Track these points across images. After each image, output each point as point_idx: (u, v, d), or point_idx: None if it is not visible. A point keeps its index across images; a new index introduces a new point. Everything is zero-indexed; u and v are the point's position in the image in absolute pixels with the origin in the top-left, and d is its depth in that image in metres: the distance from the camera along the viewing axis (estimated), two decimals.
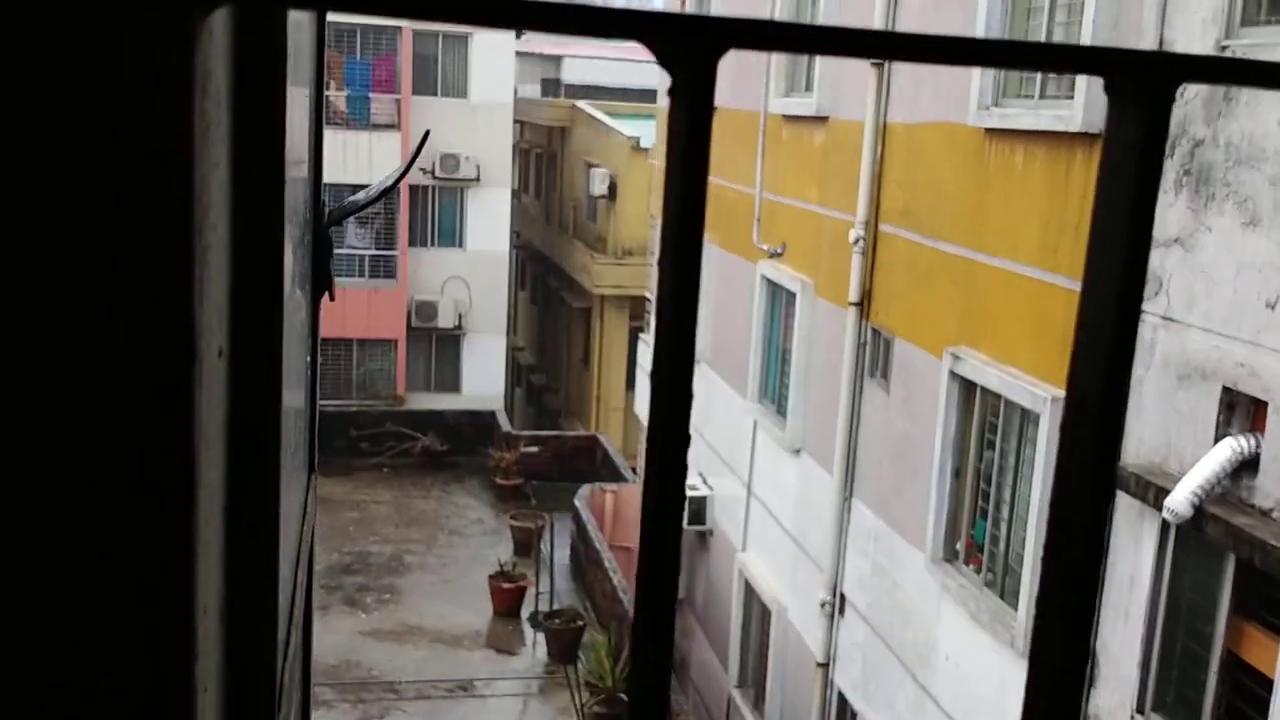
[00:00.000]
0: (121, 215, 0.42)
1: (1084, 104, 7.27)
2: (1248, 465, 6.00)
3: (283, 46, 0.75)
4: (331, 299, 1.91)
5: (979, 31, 8.46)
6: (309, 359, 1.84)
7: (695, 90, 0.40)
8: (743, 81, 13.47)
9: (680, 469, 0.43)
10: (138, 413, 0.46)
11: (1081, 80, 7.31)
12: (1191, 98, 6.47)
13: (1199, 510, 6.04)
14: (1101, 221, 0.44)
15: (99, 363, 0.45)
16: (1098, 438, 0.46)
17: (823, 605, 11.02)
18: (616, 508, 18.69)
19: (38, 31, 0.39)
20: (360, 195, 2.55)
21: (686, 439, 0.43)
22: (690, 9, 15.38)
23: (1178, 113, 6.57)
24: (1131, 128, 0.44)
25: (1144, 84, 0.44)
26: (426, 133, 3.37)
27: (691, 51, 0.40)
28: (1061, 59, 0.45)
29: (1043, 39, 8.04)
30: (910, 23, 9.74)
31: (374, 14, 0.37)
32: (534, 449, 23.03)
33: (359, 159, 24.79)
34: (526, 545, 19.14)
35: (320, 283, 1.82)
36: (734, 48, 0.42)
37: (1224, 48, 6.25)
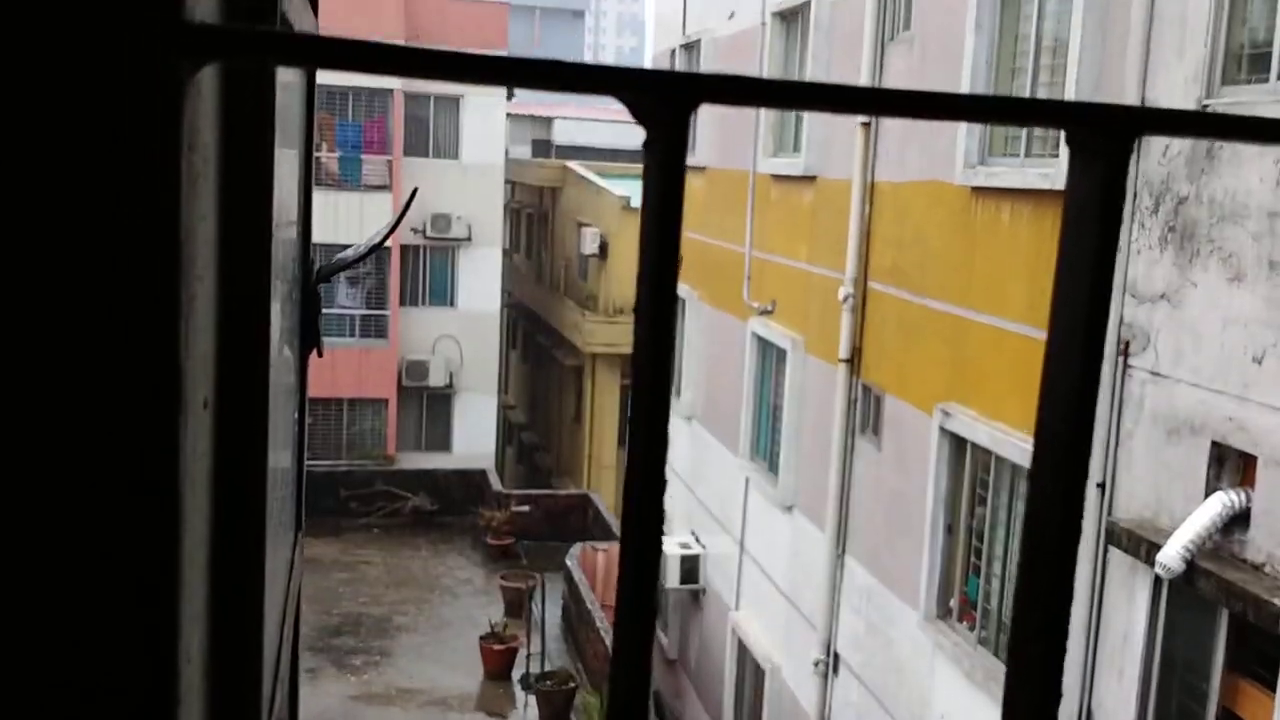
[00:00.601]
0: (109, 263, 0.43)
1: (1068, 162, 7.36)
2: (1239, 519, 6.00)
3: (270, 103, 0.76)
4: (319, 355, 1.92)
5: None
6: (296, 415, 1.84)
7: (668, 143, 0.41)
8: (732, 142, 13.62)
9: (658, 511, 0.43)
10: (123, 460, 0.46)
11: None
12: (1175, 155, 6.56)
13: (1191, 565, 6.03)
14: (1064, 272, 0.45)
15: (85, 408, 0.46)
16: (1065, 483, 0.47)
17: (816, 664, 10.92)
18: (608, 567, 18.56)
19: (30, 82, 0.40)
20: (349, 252, 2.57)
21: (663, 483, 0.44)
22: (680, 67, 15.57)
23: (1161, 170, 6.65)
24: (1091, 179, 0.45)
25: (1102, 136, 0.45)
26: (414, 190, 3.41)
27: (664, 105, 0.41)
28: (1022, 112, 0.46)
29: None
30: (896, 82, 9.88)
31: (357, 71, 0.39)
32: (525, 508, 22.91)
33: (350, 220, 24.90)
34: (517, 606, 18.97)
35: (309, 339, 1.82)
36: (705, 102, 0.43)
37: (1205, 106, 6.34)
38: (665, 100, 0.40)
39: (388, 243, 25.65)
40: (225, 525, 0.78)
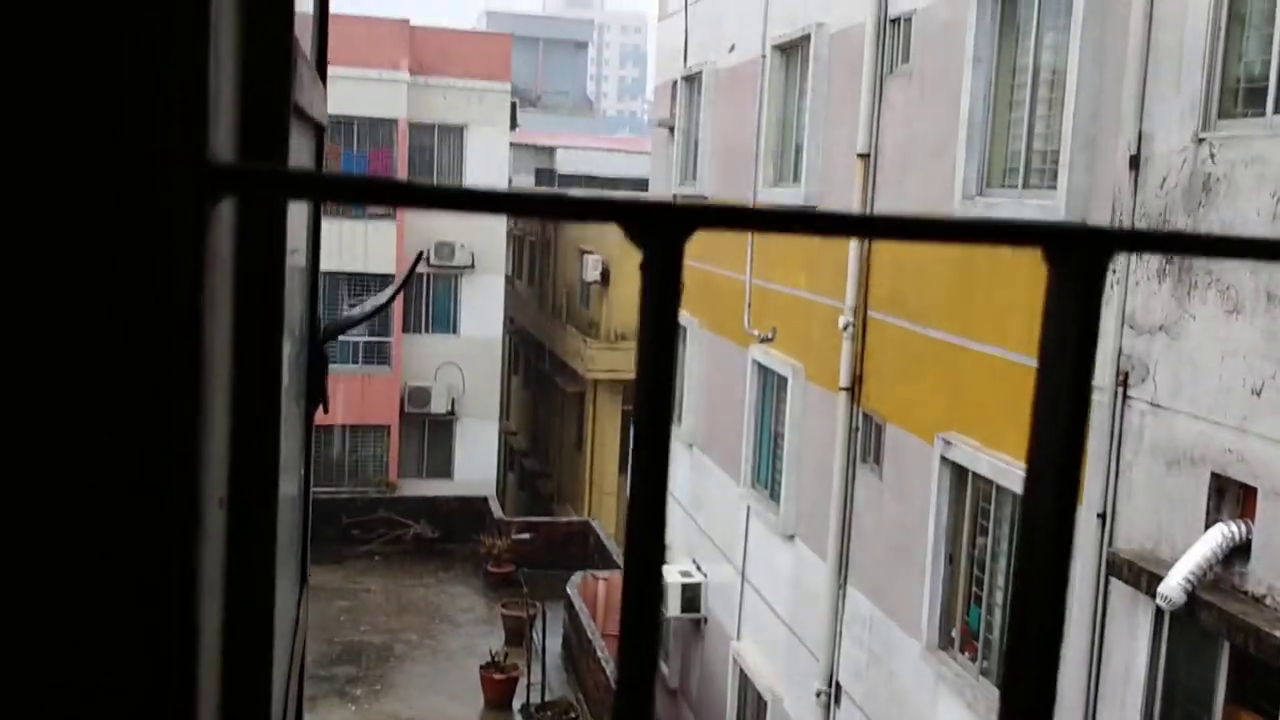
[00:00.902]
0: (134, 387, 0.46)
1: (1066, 193, 7.41)
2: (1239, 551, 6.00)
3: (284, 209, 0.80)
4: (325, 412, 1.95)
5: (962, 123, 8.65)
6: (302, 472, 1.87)
7: (664, 268, 0.44)
8: (733, 171, 13.70)
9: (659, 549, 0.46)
10: (141, 572, 0.49)
11: (1064, 170, 7.46)
12: (1173, 188, 6.61)
13: (1192, 597, 6.03)
14: (1044, 380, 0.48)
15: (110, 527, 0.48)
16: (1049, 601, 0.49)
17: (818, 695, 10.89)
18: (609, 595, 18.51)
19: (65, 221, 0.44)
20: (355, 311, 2.60)
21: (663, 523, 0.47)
22: (681, 98, 15.69)
23: (1159, 202, 6.70)
24: (1069, 295, 0.48)
25: (1078, 254, 0.48)
26: (420, 254, 3.46)
27: (661, 233, 0.44)
28: (998, 233, 0.49)
29: (1024, 131, 8.22)
30: (895, 114, 9.95)
31: (367, 203, 0.42)
32: (526, 535, 22.87)
33: (355, 248, 25.02)
34: (518, 634, 18.90)
35: (314, 398, 1.85)
36: (700, 228, 0.46)
37: (1201, 139, 6.39)
38: (661, 228, 0.43)
39: (392, 270, 25.71)
40: (236, 625, 0.81)
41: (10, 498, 0.48)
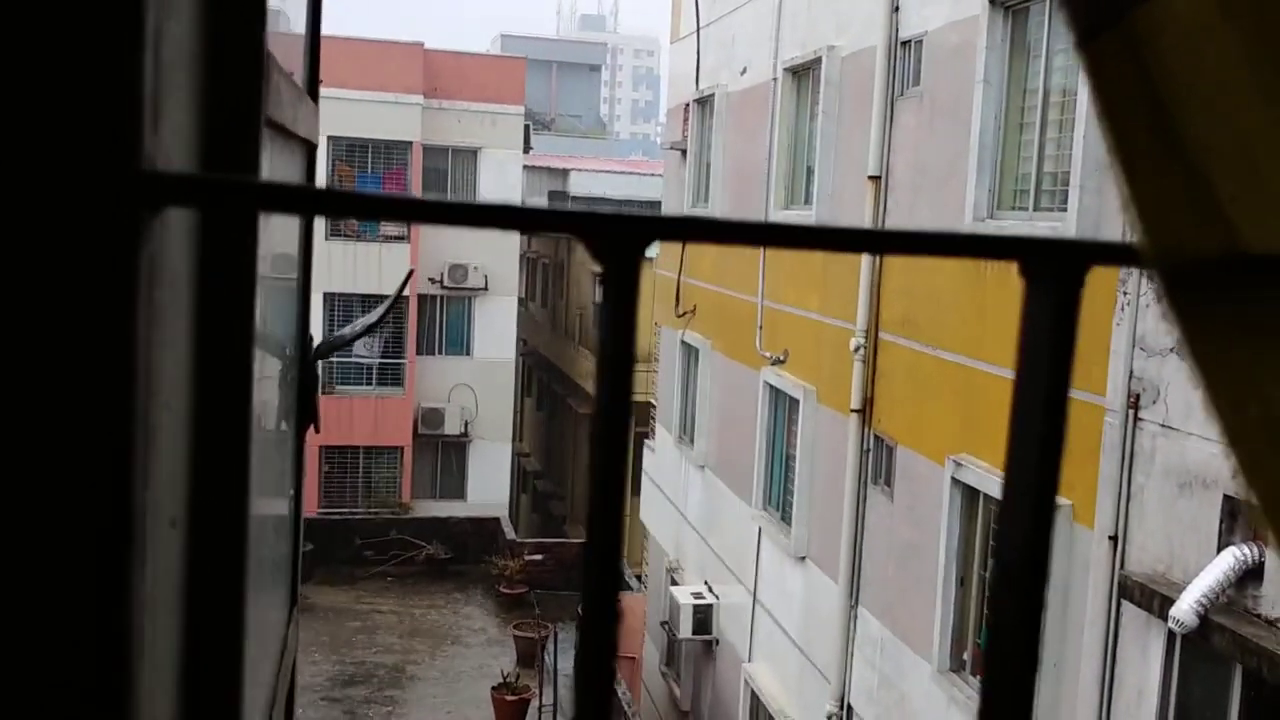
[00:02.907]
0: (59, 404, 0.46)
1: (1077, 215, 7.40)
2: (1252, 574, 5.96)
3: (251, 229, 0.79)
4: (317, 431, 1.96)
5: (973, 145, 8.66)
6: (292, 493, 1.87)
7: (621, 279, 0.45)
8: (745, 193, 13.73)
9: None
10: (74, 583, 0.49)
11: (1075, 191, 7.46)
12: None
13: (1204, 620, 5.98)
14: (1020, 394, 0.49)
15: (34, 558, 0.48)
16: (1027, 614, 0.50)
17: (830, 717, 10.82)
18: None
19: None
20: (346, 330, 2.62)
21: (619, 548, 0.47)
22: (694, 120, 15.74)
23: None
24: (1045, 308, 0.49)
25: (1055, 267, 0.49)
26: (410, 271, 3.48)
27: (617, 245, 0.44)
28: (976, 246, 0.50)
29: (1035, 153, 8.22)
30: (906, 136, 9.97)
31: (319, 215, 0.42)
32: (538, 557, 22.84)
33: (369, 270, 25.12)
34: (530, 656, 18.86)
35: (305, 417, 1.86)
36: (657, 239, 0.47)
37: None
38: (618, 240, 0.44)
39: (406, 293, 25.82)
40: (200, 647, 0.80)
41: None
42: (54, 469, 0.47)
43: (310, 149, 1.63)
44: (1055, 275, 0.49)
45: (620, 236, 0.45)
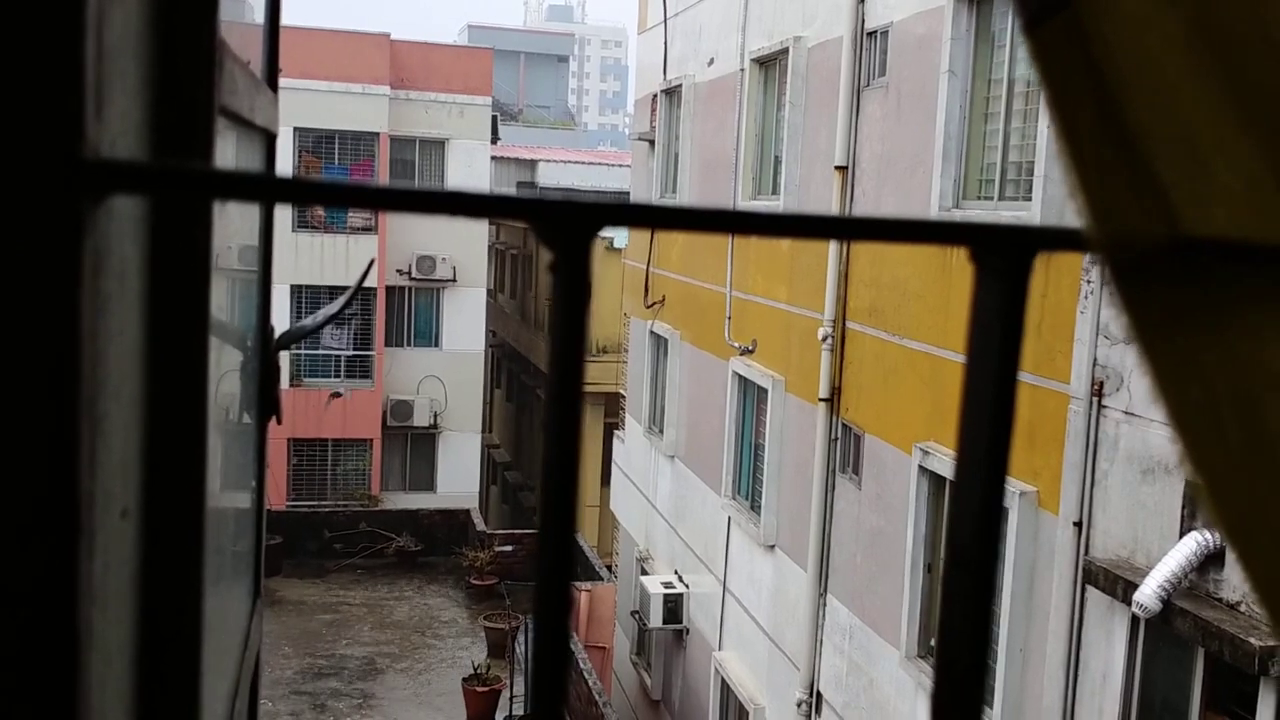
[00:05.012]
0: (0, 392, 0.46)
1: (1041, 204, 7.46)
2: (1214, 558, 6.04)
3: (205, 217, 0.78)
4: (279, 423, 1.95)
5: (938, 135, 8.71)
6: (255, 484, 1.86)
7: (572, 265, 0.45)
8: (712, 183, 13.75)
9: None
10: (21, 584, 0.48)
11: (1039, 181, 7.52)
12: None
13: (1167, 604, 6.06)
14: (970, 380, 0.49)
15: None
16: (975, 596, 0.50)
17: (799, 705, 10.89)
18: (591, 607, 18.47)
19: None
20: (308, 320, 2.60)
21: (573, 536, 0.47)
22: (661, 111, 15.74)
23: None
24: (994, 293, 0.49)
25: (1004, 254, 0.49)
26: (371, 261, 3.47)
27: (566, 231, 0.44)
28: (926, 233, 0.50)
29: (1000, 143, 8.27)
30: (872, 127, 10.01)
31: (264, 201, 0.42)
32: (508, 548, 22.82)
33: (336, 262, 24.98)
34: (501, 647, 18.85)
35: (267, 408, 1.85)
36: (606, 225, 0.47)
37: None
38: (568, 225, 0.44)
39: (374, 284, 25.67)
40: (155, 639, 0.80)
41: None
42: None
43: (270, 139, 1.62)
44: (1004, 260, 0.50)
45: (570, 221, 0.45)
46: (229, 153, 1.09)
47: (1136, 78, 0.45)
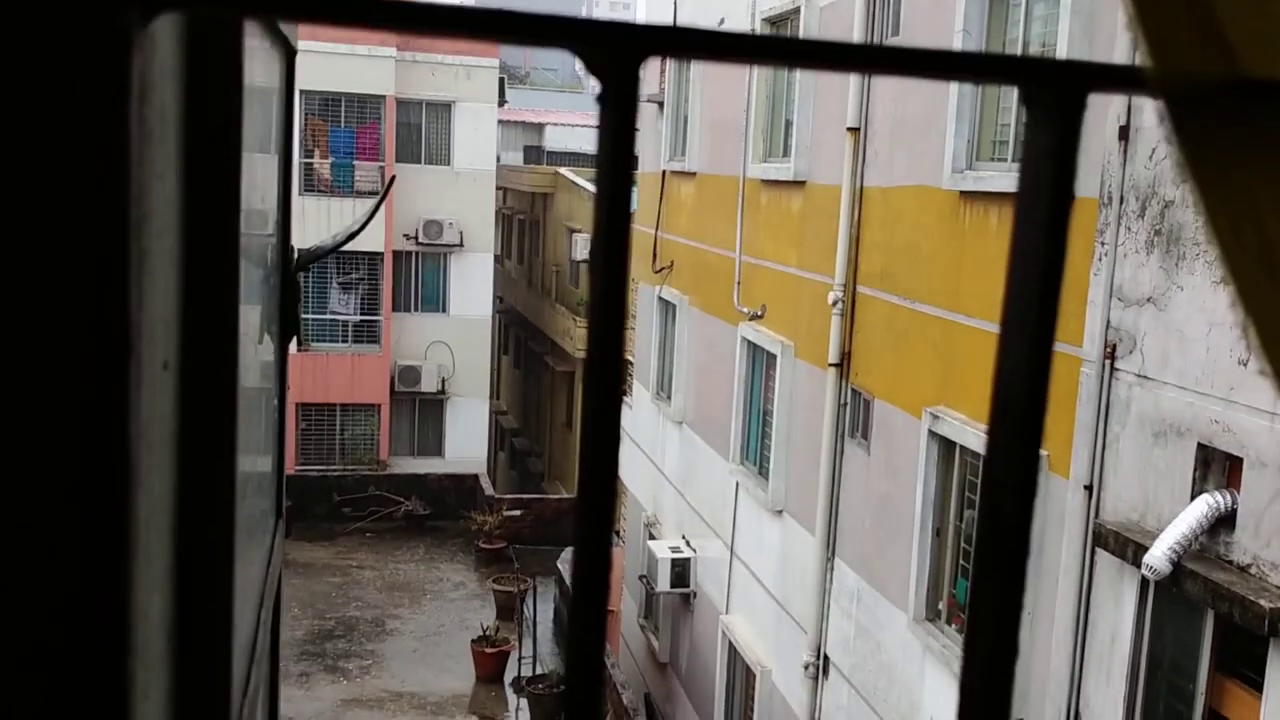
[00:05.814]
0: (51, 221, 0.45)
1: None
2: (1224, 521, 6.03)
3: (237, 57, 0.77)
4: (300, 345, 1.94)
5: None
6: (277, 401, 1.86)
7: (620, 92, 0.42)
8: (722, 147, 13.66)
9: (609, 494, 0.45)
10: (69, 416, 0.48)
11: None
12: (1161, 159, 6.60)
13: (1177, 567, 6.05)
14: (1020, 231, 0.47)
15: (28, 370, 0.47)
16: (1022, 445, 0.48)
17: (806, 667, 10.94)
18: None
19: None
20: (327, 240, 2.59)
21: (616, 455, 0.45)
22: (670, 72, 15.61)
23: (1148, 174, 6.69)
24: (1046, 134, 0.47)
25: (1056, 91, 0.47)
26: (393, 178, 3.43)
27: (615, 56, 0.42)
28: (974, 67, 0.48)
29: (1013, 104, 8.19)
30: (885, 87, 9.92)
31: (304, 21, 0.40)
32: (516, 512, 22.92)
33: (344, 225, 24.89)
34: (509, 609, 18.97)
35: (288, 326, 1.84)
36: (657, 52, 0.44)
37: None
38: (615, 51, 0.42)
39: (380, 249, 25.62)
40: (191, 486, 0.79)
41: None
42: (46, 287, 0.45)
43: (290, 54, 1.60)
44: (1057, 99, 0.48)
45: (619, 45, 0.42)
46: (253, 66, 1.06)
47: None
